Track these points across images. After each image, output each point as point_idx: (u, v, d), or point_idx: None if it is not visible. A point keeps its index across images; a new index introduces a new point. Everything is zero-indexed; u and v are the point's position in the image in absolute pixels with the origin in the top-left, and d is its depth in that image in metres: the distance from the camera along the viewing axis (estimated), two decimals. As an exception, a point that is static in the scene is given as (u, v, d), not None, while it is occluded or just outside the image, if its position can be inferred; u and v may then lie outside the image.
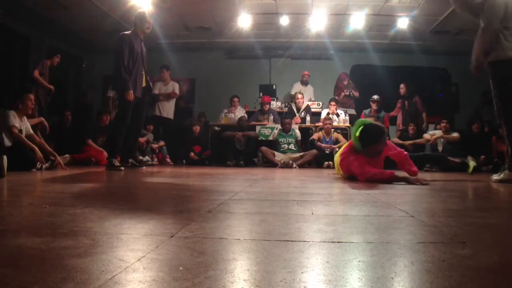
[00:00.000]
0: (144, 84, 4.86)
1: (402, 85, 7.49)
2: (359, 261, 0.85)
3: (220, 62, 9.09)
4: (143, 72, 4.86)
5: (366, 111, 7.49)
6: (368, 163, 3.29)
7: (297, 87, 8.33)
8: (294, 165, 6.50)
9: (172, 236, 1.07)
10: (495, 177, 3.49)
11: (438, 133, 6.61)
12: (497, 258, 0.91)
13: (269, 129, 7.27)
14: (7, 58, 6.96)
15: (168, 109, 7.38)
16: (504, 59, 3.35)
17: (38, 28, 7.26)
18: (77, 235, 1.07)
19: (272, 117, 7.58)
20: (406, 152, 3.66)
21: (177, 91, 7.43)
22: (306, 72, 8.40)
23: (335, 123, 7.28)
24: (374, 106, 7.54)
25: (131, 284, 0.69)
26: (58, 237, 1.02)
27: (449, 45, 7.90)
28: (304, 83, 8.37)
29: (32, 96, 4.23)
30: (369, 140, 3.35)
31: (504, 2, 3.36)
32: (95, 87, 8.90)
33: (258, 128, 7.28)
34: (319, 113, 7.81)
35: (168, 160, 7.02)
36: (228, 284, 0.70)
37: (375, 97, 7.52)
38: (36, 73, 6.01)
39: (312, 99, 8.34)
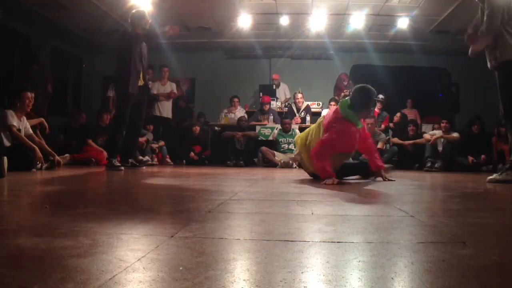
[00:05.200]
0: (142, 82, 4.79)
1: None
2: (359, 261, 0.85)
3: (220, 62, 9.08)
4: (141, 71, 4.77)
5: None
6: (353, 135, 3.22)
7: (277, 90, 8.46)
8: (294, 165, 6.49)
9: (172, 236, 1.07)
10: (496, 176, 3.48)
11: (438, 133, 6.60)
12: (497, 258, 0.91)
13: (269, 129, 7.26)
14: (7, 58, 6.96)
15: (167, 109, 7.39)
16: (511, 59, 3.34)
17: (38, 28, 7.26)
18: (77, 235, 1.07)
19: (272, 117, 7.58)
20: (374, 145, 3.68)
21: (175, 91, 7.44)
22: (275, 77, 8.54)
23: (335, 123, 7.26)
24: (378, 106, 7.52)
25: (131, 284, 0.69)
26: (58, 237, 1.02)
27: (449, 45, 7.89)
28: (276, 86, 8.44)
29: (29, 95, 4.22)
30: (365, 101, 3.24)
31: (505, 2, 3.35)
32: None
33: (258, 128, 7.27)
34: (319, 113, 7.81)
35: (168, 160, 7.02)
36: (228, 284, 0.70)
37: (380, 96, 7.48)
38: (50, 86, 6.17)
39: (287, 96, 8.49)
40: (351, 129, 3.20)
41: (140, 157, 5.51)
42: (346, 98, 3.44)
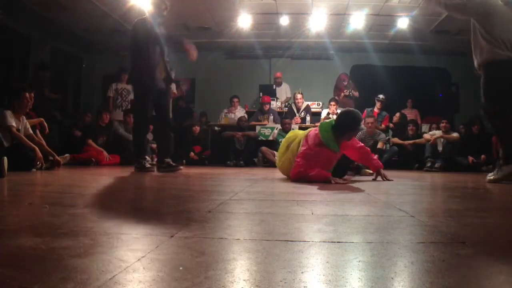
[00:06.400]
0: (163, 74, 4.34)
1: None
2: (359, 261, 0.85)
3: (220, 62, 9.08)
4: (163, 60, 4.33)
5: (368, 110, 7.49)
6: (328, 159, 3.29)
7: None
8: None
9: (172, 236, 1.07)
10: (494, 176, 3.49)
11: (438, 133, 6.60)
12: (497, 258, 0.91)
13: (269, 129, 7.27)
14: (7, 58, 6.97)
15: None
16: (492, 60, 3.40)
17: (38, 28, 7.26)
18: (77, 235, 1.07)
19: (272, 117, 7.59)
20: (368, 148, 3.73)
21: (175, 91, 7.43)
22: (278, 75, 8.51)
23: (335, 123, 7.27)
24: (378, 105, 7.56)
25: (131, 284, 0.69)
26: (58, 237, 1.02)
27: (449, 45, 7.90)
28: (278, 84, 8.45)
29: (28, 95, 4.21)
30: (349, 125, 3.30)
31: (485, 1, 3.43)
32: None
33: (258, 128, 7.27)
34: (319, 113, 7.82)
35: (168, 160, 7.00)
36: (228, 284, 0.70)
37: (381, 96, 7.54)
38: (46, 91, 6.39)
39: (288, 95, 8.48)
40: (325, 154, 3.25)
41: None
42: (330, 120, 3.49)
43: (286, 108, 8.01)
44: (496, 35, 3.34)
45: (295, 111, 7.79)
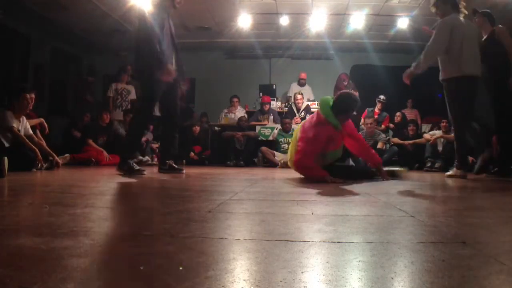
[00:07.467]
0: (173, 66, 3.99)
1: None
2: (359, 261, 0.85)
3: (220, 62, 9.09)
4: (174, 54, 4.02)
5: (369, 110, 7.50)
6: (330, 138, 3.29)
7: (294, 88, 8.39)
8: (294, 165, 6.49)
9: (172, 236, 1.07)
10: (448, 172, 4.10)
11: (438, 133, 6.60)
12: (496, 258, 0.91)
13: (269, 129, 7.27)
14: (7, 58, 6.97)
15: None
16: (457, 76, 3.85)
17: (38, 28, 7.27)
18: (77, 235, 1.07)
19: (272, 117, 7.59)
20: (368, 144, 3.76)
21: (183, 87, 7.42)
22: (303, 76, 8.47)
23: (335, 123, 7.27)
24: (378, 106, 7.56)
25: (131, 284, 0.69)
26: (58, 237, 1.02)
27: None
28: (301, 84, 8.44)
29: (28, 96, 4.20)
30: (345, 106, 3.34)
31: (451, 24, 3.59)
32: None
33: (258, 128, 7.28)
34: (319, 113, 7.81)
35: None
36: (228, 284, 0.70)
37: (381, 97, 7.54)
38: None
39: (311, 98, 8.41)
40: (326, 132, 3.26)
41: (140, 157, 5.49)
42: (328, 96, 3.51)
43: (286, 108, 8.01)
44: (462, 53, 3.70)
45: (295, 111, 7.78)
